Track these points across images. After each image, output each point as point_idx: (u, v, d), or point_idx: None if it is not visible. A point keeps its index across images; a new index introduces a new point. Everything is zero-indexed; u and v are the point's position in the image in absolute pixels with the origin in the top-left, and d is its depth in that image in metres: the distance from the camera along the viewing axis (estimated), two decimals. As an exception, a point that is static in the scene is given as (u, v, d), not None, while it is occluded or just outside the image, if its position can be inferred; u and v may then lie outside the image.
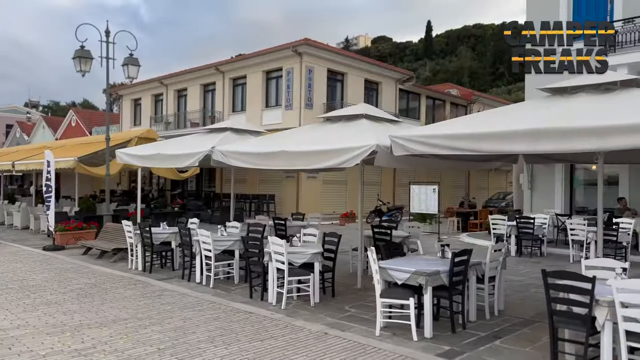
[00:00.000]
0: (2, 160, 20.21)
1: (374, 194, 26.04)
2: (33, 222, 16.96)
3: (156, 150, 9.54)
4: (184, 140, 10.24)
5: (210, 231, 8.41)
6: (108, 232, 12.19)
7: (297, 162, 6.72)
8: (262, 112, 24.78)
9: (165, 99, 31.11)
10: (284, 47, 23.19)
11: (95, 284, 8.55)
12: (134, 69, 14.37)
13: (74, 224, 13.22)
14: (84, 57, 13.51)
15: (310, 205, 22.62)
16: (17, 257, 11.56)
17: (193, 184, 29.52)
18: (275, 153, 6.94)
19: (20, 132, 50.55)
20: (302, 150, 6.62)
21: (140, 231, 9.72)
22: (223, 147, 7.98)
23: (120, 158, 10.33)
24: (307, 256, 7.13)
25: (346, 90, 24.74)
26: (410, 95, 28.87)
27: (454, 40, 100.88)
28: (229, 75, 26.67)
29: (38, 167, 15.70)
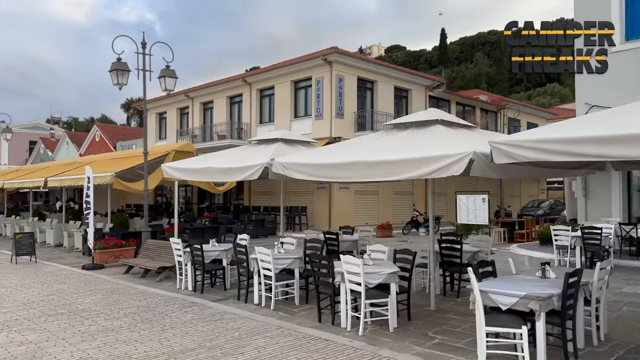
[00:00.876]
0: (33, 177, 20.01)
1: (407, 204, 25.42)
2: (67, 240, 16.63)
3: (207, 163, 9.06)
4: (233, 153, 9.75)
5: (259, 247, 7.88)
6: (150, 249, 11.73)
7: (375, 172, 6.14)
8: (291, 123, 24.34)
9: (191, 112, 30.90)
10: (313, 56, 22.78)
11: (148, 307, 8.04)
12: (171, 81, 14.02)
13: (112, 241, 12.79)
14: (121, 70, 13.19)
15: (342, 217, 22.05)
16: (58, 277, 11.15)
17: (220, 196, 29.15)
18: (349, 164, 6.38)
19: (44, 148, 50.99)
20: (383, 160, 6.05)
21: (191, 249, 9.22)
22: (283, 159, 7.45)
23: (167, 172, 9.88)
24: (382, 276, 6.53)
25: (376, 98, 24.21)
26: (439, 101, 28.20)
27: (469, 47, 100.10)
28: (256, 87, 26.34)
29: (73, 183, 15.40)
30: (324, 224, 22.14)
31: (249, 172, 7.92)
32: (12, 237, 19.97)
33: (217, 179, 9.22)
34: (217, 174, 8.79)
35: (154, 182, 13.90)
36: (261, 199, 25.78)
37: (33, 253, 13.75)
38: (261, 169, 7.79)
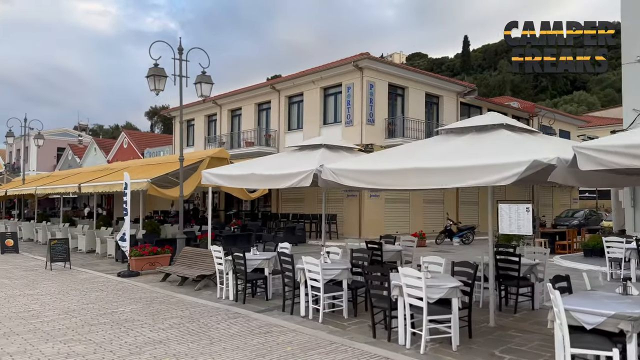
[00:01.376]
0: (65, 183, 20.11)
1: (438, 213, 24.88)
2: (99, 246, 16.60)
3: (249, 170, 8.81)
4: (275, 159, 9.51)
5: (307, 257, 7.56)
6: (186, 257, 11.52)
7: (435, 179, 5.79)
8: (320, 130, 24.09)
9: (219, 119, 30.93)
10: (344, 62, 22.53)
11: (192, 317, 7.78)
12: (207, 87, 13.88)
13: (148, 248, 12.64)
14: (158, 76, 13.10)
15: (373, 225, 21.67)
16: (95, 284, 11.01)
17: (248, 203, 29.01)
18: (407, 170, 6.04)
19: (72, 155, 51.75)
20: (445, 167, 5.70)
21: (233, 257, 8.95)
22: (333, 166, 7.15)
23: (207, 179, 9.66)
24: (444, 290, 6.15)
25: (407, 105, 23.81)
26: (471, 108, 27.66)
27: (492, 54, 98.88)
28: (284, 93, 26.21)
29: (107, 189, 15.36)
30: (354, 232, 21.77)
31: (297, 179, 7.64)
32: (44, 243, 20.17)
33: (261, 185, 8.95)
34: (260, 180, 8.53)
35: (189, 189, 13.75)
36: (289, 206, 25.54)
37: (67, 259, 13.70)
38: (310, 175, 7.51)
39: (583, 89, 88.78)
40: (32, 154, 58.58)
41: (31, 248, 19.47)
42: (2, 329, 7.06)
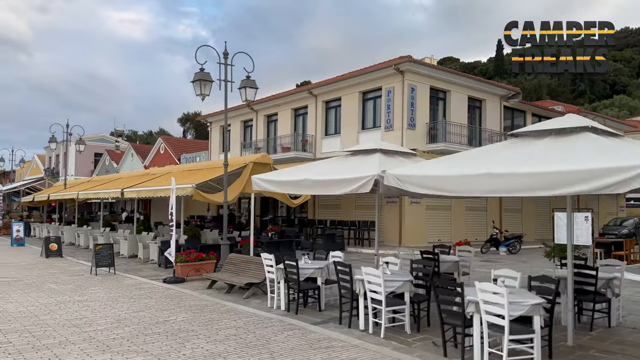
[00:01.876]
0: (107, 188, 20.30)
1: (481, 220, 24.13)
2: (141, 251, 16.59)
3: (302, 175, 8.50)
4: (328, 165, 9.17)
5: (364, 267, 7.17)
6: (233, 264, 11.29)
7: (516, 185, 5.33)
8: (359, 135, 23.72)
9: (255, 125, 30.92)
10: (384, 65, 22.13)
11: (246, 328, 7.49)
12: (252, 91, 13.70)
13: (193, 254, 12.48)
14: (204, 80, 12.98)
15: (414, 232, 21.13)
16: (142, 291, 10.87)
17: (283, 209, 28.84)
18: (481, 176, 5.59)
19: (109, 160, 52.77)
20: (532, 172, 5.23)
21: (285, 266, 8.65)
22: (397, 172, 6.76)
23: (258, 184, 9.41)
24: (525, 307, 5.67)
25: (449, 109, 23.21)
26: (514, 112, 26.83)
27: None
28: (321, 98, 25.95)
29: (151, 194, 15.34)
30: (394, 239, 21.27)
31: (357, 185, 7.29)
32: (86, 247, 20.42)
33: (315, 191, 8.62)
34: (314, 186, 8.20)
35: (233, 194, 13.57)
36: (326, 212, 25.20)
37: (112, 265, 13.67)
38: (371, 181, 7.14)
39: (623, 92, 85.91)
40: (70, 160, 60.03)
41: (74, 252, 19.68)
42: (57, 337, 6.92)
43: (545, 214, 28.10)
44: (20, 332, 7.18)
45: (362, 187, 7.19)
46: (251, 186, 14.46)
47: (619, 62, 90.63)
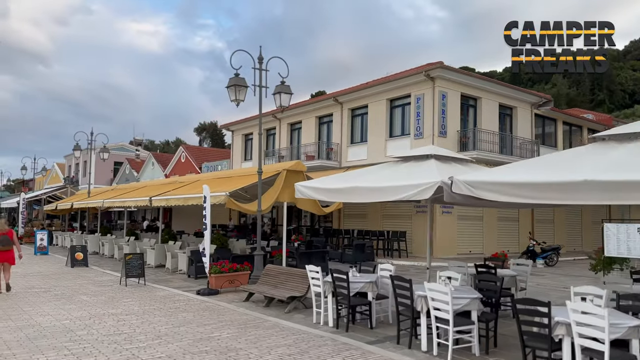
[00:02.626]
0: (132, 196, 20.01)
1: (513, 231, 23.37)
2: (169, 261, 16.18)
3: (351, 183, 8.00)
4: (379, 171, 8.65)
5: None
6: (270, 275, 10.79)
7: (623, 194, 4.77)
8: (386, 143, 23.18)
9: (278, 133, 30.56)
10: (414, 72, 21.61)
11: (297, 346, 6.97)
12: (286, 97, 13.30)
13: (227, 265, 12.01)
14: (239, 86, 12.60)
15: (445, 244, 20.47)
16: (177, 304, 10.42)
17: (307, 218, 28.33)
18: (579, 183, 5.03)
19: (129, 169, 52.88)
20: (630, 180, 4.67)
21: (333, 279, 8.12)
22: (467, 178, 6.22)
23: (302, 192, 8.93)
24: (622, 330, 5.06)
25: (480, 116, 22.58)
26: (545, 120, 26.08)
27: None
28: (347, 106, 25.50)
29: (181, 202, 14.95)
30: (424, 250, 20.55)
31: (415, 191, 6.76)
32: (111, 256, 20.01)
33: (367, 199, 8.07)
34: (367, 193, 7.68)
35: (266, 203, 13.10)
36: (352, 222, 24.61)
37: (142, 275, 13.28)
38: (434, 187, 6.59)
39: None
40: (91, 168, 60.43)
41: (99, 261, 19.36)
42: (99, 356, 6.46)
43: (577, 224, 27.23)
44: (58, 350, 6.75)
45: (420, 194, 6.66)
46: (285, 195, 14.09)
47: (638, 72, 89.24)
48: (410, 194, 6.70)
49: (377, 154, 23.36)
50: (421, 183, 6.73)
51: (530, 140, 24.00)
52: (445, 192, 6.63)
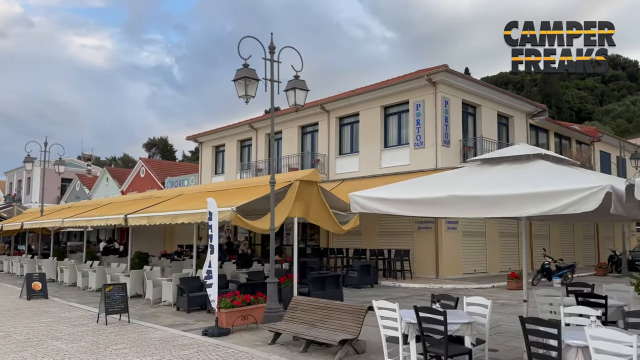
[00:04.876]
0: (99, 214, 17.23)
1: (513, 247, 22.11)
2: (151, 290, 13.62)
3: (443, 191, 6.05)
4: (466, 177, 6.73)
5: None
6: (300, 310, 8.63)
7: None
8: (382, 153, 21.49)
9: (255, 144, 28.31)
10: (413, 76, 20.12)
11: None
12: (302, 94, 11.28)
13: (239, 296, 9.72)
14: (249, 79, 10.47)
15: (451, 262, 18.83)
16: (184, 350, 8.07)
17: (290, 236, 26.08)
18: None
19: (80, 185, 48.77)
20: None
21: (418, 319, 6.11)
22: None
23: (359, 203, 6.88)
24: None
25: (480, 125, 21.33)
26: (538, 131, 25.25)
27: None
28: (335, 114, 23.70)
29: (168, 220, 12.50)
30: (429, 270, 18.89)
31: (573, 199, 4.85)
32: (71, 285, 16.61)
33: (481, 212, 6.09)
34: (479, 205, 5.69)
35: (277, 219, 10.92)
36: (341, 240, 22.58)
37: (126, 310, 10.75)
38: (601, 193, 4.74)
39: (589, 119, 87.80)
40: (34, 185, 55.60)
41: (58, 291, 16.43)
42: None
43: (569, 239, 26.44)
44: None
45: (582, 203, 4.78)
46: (297, 209, 11.97)
47: (583, 91, 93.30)
48: (566, 203, 4.81)
49: (370, 166, 21.63)
50: (581, 188, 4.86)
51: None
52: (615, 201, 4.79)
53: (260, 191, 11.87)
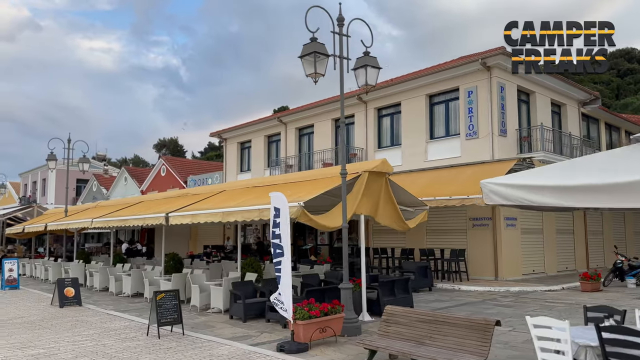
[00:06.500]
0: (133, 213, 15.95)
1: (568, 245, 20.57)
2: (198, 296, 12.30)
3: (622, 176, 4.64)
4: (624, 160, 5.33)
5: None
6: (403, 324, 7.22)
7: None
8: (427, 145, 20.03)
9: (284, 139, 26.93)
10: (465, 60, 18.63)
11: None
12: (374, 72, 9.89)
13: (316, 305, 8.33)
14: (318, 54, 9.09)
15: (511, 263, 17.33)
16: (269, 373, 6.71)
17: (325, 235, 24.72)
18: None
19: (97, 186, 47.77)
20: None
21: (601, 340, 4.68)
22: None
23: (502, 194, 5.49)
24: None
25: (534, 113, 19.79)
26: (589, 120, 23.66)
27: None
28: (373, 105, 22.27)
29: (219, 219, 11.13)
30: (487, 271, 17.39)
31: None
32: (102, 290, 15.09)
33: None
34: None
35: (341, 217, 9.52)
36: (382, 238, 21.11)
37: (179, 321, 9.43)
38: None
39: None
40: (50, 186, 54.78)
41: (90, 297, 15.18)
42: None
43: (622, 235, 24.78)
44: None
45: None
46: (364, 205, 10.59)
47: (599, 85, 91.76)
48: None
49: (414, 159, 20.18)
50: None
51: (579, 142, 21.40)
52: None
53: (318, 185, 10.53)
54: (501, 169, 15.53)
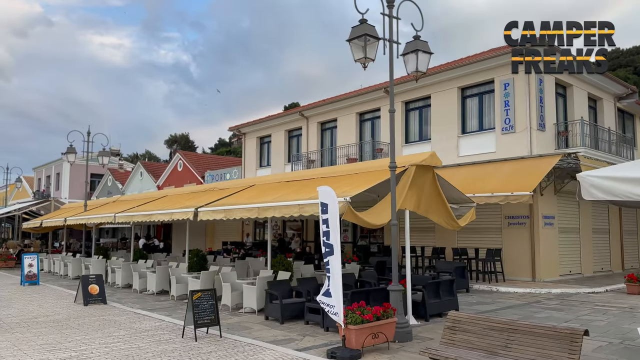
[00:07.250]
0: (158, 207, 15.40)
1: (604, 245, 19.72)
2: (229, 295, 11.70)
3: None
4: None
5: None
6: (471, 332, 6.54)
7: None
8: (459, 140, 19.27)
9: (306, 133, 26.29)
10: (501, 51, 17.83)
11: None
12: (425, 57, 9.22)
13: (368, 309, 7.67)
14: (369, 36, 8.41)
15: (548, 263, 16.55)
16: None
17: (348, 233, 24.04)
18: None
19: (112, 181, 47.47)
20: None
21: None
22: None
23: (606, 189, 4.79)
24: None
25: (571, 107, 18.96)
26: (625, 115, 22.75)
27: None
28: (400, 98, 21.51)
29: (254, 215, 10.51)
30: (522, 272, 16.63)
31: None
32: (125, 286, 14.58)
33: None
34: None
35: (388, 212, 8.85)
36: (411, 237, 20.32)
37: (216, 322, 8.82)
38: None
39: None
40: (64, 181, 54.56)
41: (114, 294, 14.68)
42: None
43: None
44: None
45: None
46: (409, 200, 9.91)
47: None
48: None
49: (445, 154, 19.23)
50: None
51: (616, 137, 20.51)
52: None
53: (358, 180, 9.86)
54: (544, 165, 14.77)
